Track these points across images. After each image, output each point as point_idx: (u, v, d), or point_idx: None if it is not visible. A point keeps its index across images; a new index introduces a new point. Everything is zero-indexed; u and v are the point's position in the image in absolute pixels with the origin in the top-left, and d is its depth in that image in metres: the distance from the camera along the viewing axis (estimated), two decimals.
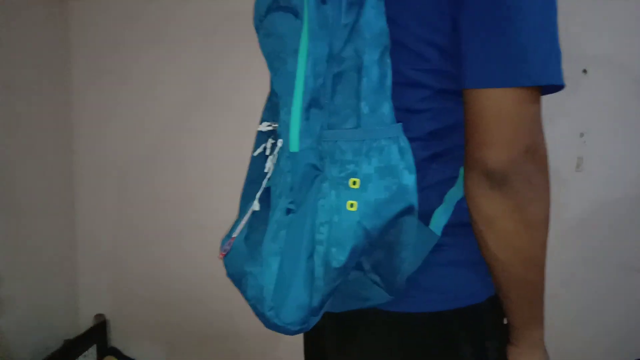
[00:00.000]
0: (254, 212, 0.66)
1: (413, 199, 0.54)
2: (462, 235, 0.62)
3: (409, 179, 0.54)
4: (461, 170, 0.62)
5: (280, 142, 0.61)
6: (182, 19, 1.63)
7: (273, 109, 0.71)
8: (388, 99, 0.55)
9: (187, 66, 1.64)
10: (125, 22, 1.68)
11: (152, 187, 1.72)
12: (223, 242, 0.70)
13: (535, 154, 0.53)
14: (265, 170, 0.64)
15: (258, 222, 0.65)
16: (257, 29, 0.66)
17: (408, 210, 0.55)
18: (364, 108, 0.54)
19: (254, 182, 0.72)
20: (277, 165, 0.62)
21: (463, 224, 0.61)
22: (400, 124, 0.55)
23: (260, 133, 0.72)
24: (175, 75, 1.65)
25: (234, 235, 0.67)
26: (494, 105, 0.53)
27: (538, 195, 0.55)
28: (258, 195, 0.65)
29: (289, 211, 0.58)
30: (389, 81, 0.55)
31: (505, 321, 0.66)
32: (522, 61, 0.51)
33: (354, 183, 0.54)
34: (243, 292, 0.63)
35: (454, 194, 0.62)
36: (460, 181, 0.62)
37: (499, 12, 0.51)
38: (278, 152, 0.61)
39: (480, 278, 0.63)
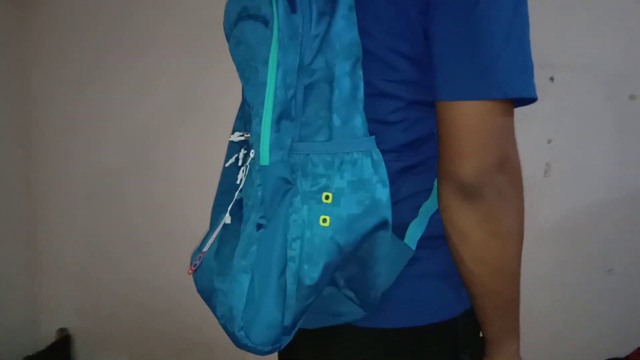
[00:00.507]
0: (225, 225, 0.64)
1: (387, 213, 0.54)
2: (436, 247, 0.61)
3: (383, 193, 0.53)
4: (435, 182, 0.61)
5: (252, 153, 0.59)
6: (157, 24, 1.59)
7: (245, 118, 0.69)
8: (360, 111, 0.54)
9: (156, 73, 1.60)
10: (89, 27, 1.63)
11: (118, 198, 1.67)
12: (193, 256, 0.68)
13: (507, 165, 0.53)
14: (237, 182, 0.62)
15: (229, 235, 0.63)
16: (228, 37, 0.64)
17: (382, 225, 0.54)
18: (336, 120, 0.53)
19: (226, 193, 0.71)
20: (248, 176, 0.61)
21: (438, 236, 0.60)
22: (373, 136, 0.55)
23: (232, 143, 0.71)
24: (144, 82, 1.61)
25: (205, 249, 0.65)
26: (465, 117, 0.52)
27: (510, 206, 0.55)
28: (229, 207, 0.63)
29: (259, 226, 0.55)
30: (360, 93, 0.54)
31: (480, 334, 0.65)
32: (493, 73, 0.51)
33: (327, 197, 0.53)
34: (213, 309, 0.61)
35: (429, 206, 0.61)
36: (434, 193, 0.61)
37: (470, 23, 0.51)
38: (250, 163, 0.59)
39: (455, 291, 0.62)
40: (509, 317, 0.61)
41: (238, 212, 0.63)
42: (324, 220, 0.53)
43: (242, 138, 0.66)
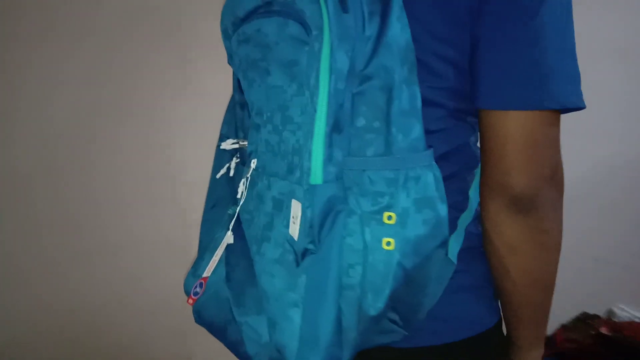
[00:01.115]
0: (228, 245, 0.61)
1: (447, 231, 0.52)
2: (470, 260, 0.59)
3: (444, 210, 0.51)
4: (471, 193, 0.59)
5: (254, 163, 0.57)
6: (70, 11, 1.39)
7: (237, 123, 0.67)
8: (420, 121, 0.51)
9: (89, 66, 1.41)
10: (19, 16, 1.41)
11: (52, 204, 1.46)
12: (188, 283, 0.63)
13: (556, 176, 0.53)
14: (238, 196, 0.60)
15: (236, 256, 0.59)
16: (228, 32, 0.61)
17: (442, 244, 0.52)
18: (396, 133, 0.50)
19: (217, 207, 0.68)
20: (251, 189, 0.58)
21: (471, 247, 0.59)
22: (432, 149, 0.51)
23: (221, 151, 0.67)
24: (76, 77, 1.41)
25: (205, 274, 0.60)
26: (521, 128, 0.51)
27: (558, 218, 0.55)
28: (231, 225, 0.59)
29: (305, 252, 0.49)
30: (419, 102, 0.50)
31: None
32: (549, 83, 0.50)
33: (389, 218, 0.49)
34: (233, 345, 0.56)
35: (465, 218, 0.59)
36: (472, 205, 0.59)
37: (529, 32, 0.49)
38: (252, 175, 0.58)
39: (488, 303, 0.62)
40: (542, 326, 0.61)
41: (237, 229, 0.60)
42: (388, 244, 0.49)
43: (236, 145, 0.63)
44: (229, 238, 0.60)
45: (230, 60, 0.62)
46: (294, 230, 0.50)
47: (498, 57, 0.51)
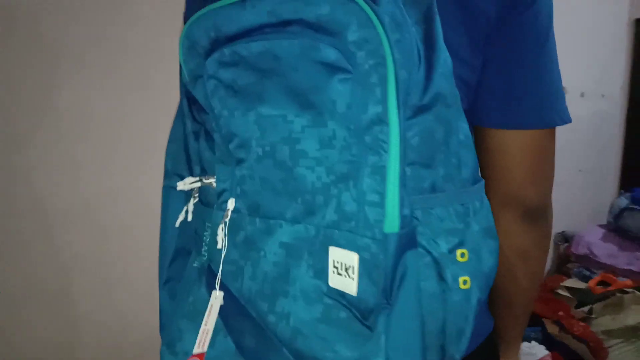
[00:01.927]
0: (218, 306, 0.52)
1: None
2: None
3: (497, 237, 0.50)
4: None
5: (231, 204, 0.50)
6: None
7: (193, 157, 0.58)
8: (474, 151, 0.49)
9: None
10: None
11: None
12: None
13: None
14: (219, 247, 0.51)
15: (235, 320, 0.51)
16: (198, 50, 0.51)
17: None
18: (457, 165, 0.47)
19: (176, 262, 0.59)
20: (232, 235, 0.50)
21: None
22: (482, 179, 0.50)
23: (171, 191, 0.58)
24: None
25: (199, 350, 0.51)
26: (535, 145, 0.53)
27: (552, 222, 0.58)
28: (217, 281, 0.51)
29: (375, 309, 0.43)
30: (469, 130, 0.48)
31: None
32: (557, 102, 0.53)
33: (462, 255, 0.46)
34: None
35: None
36: None
37: (542, 55, 0.52)
38: (232, 218, 0.50)
39: (485, 306, 0.62)
40: (528, 317, 0.65)
41: (212, 285, 0.52)
42: (464, 282, 0.46)
43: (198, 184, 0.55)
44: (218, 299, 0.51)
45: (193, 84, 0.53)
46: (344, 283, 0.44)
47: (514, 79, 0.52)
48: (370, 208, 0.43)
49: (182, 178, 0.58)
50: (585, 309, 1.57)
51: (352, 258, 0.43)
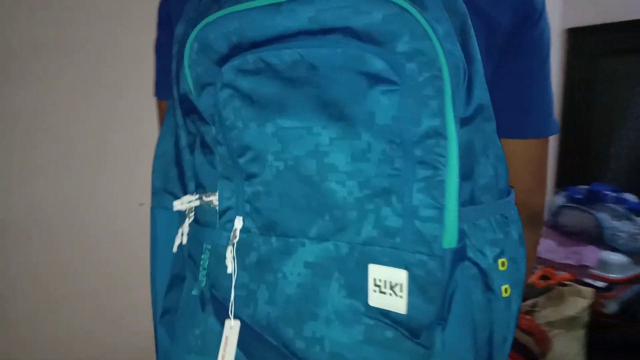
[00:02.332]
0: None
1: None
2: None
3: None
4: None
5: (239, 223, 0.47)
6: None
7: (188, 172, 0.54)
8: (505, 162, 0.50)
9: None
10: None
11: None
12: None
13: None
14: (229, 271, 0.48)
15: (257, 349, 0.47)
16: (210, 56, 0.47)
17: None
18: (495, 176, 0.48)
19: (173, 290, 0.55)
20: (241, 257, 0.47)
21: None
22: (512, 188, 0.53)
23: (162, 212, 0.55)
24: None
25: None
26: (538, 153, 0.57)
27: None
28: (231, 310, 0.47)
29: (428, 327, 0.42)
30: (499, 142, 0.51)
31: None
32: (552, 112, 0.58)
33: (503, 264, 0.46)
34: None
35: None
36: None
37: (547, 69, 0.56)
38: (242, 239, 0.47)
39: None
40: None
41: (219, 312, 0.49)
42: (506, 290, 0.46)
43: (197, 203, 0.50)
44: (234, 329, 0.47)
45: (198, 92, 0.49)
46: (389, 302, 0.43)
47: (525, 90, 0.55)
48: (423, 223, 0.42)
49: (174, 196, 0.55)
50: (530, 302, 1.66)
51: (399, 275, 0.42)
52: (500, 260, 0.46)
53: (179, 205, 0.51)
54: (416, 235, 0.42)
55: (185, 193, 0.54)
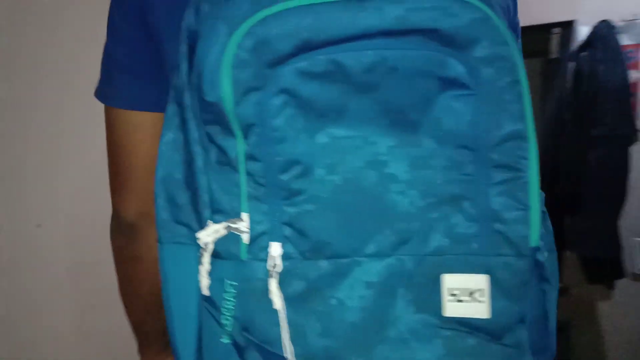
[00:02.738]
0: None
1: None
2: None
3: None
4: None
5: (276, 250, 0.42)
6: None
7: (204, 197, 0.45)
8: None
9: None
10: None
11: None
12: None
13: None
14: (277, 307, 0.42)
15: None
16: (268, 57, 0.41)
17: None
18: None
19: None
20: (284, 289, 0.42)
21: None
22: None
23: (178, 249, 0.46)
24: None
25: None
26: None
27: None
28: (291, 354, 0.42)
29: (515, 325, 0.43)
30: None
31: None
32: None
33: (544, 256, 0.47)
34: None
35: None
36: None
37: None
38: (286, 267, 0.42)
39: None
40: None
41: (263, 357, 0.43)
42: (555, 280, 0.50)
43: (224, 232, 0.44)
44: None
45: (240, 98, 0.42)
46: (469, 309, 0.42)
47: None
48: (507, 226, 0.42)
49: (189, 228, 0.46)
50: None
51: (480, 281, 0.42)
52: (543, 253, 0.46)
53: (205, 237, 0.44)
54: (497, 238, 0.42)
55: (200, 223, 0.46)
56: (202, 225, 0.45)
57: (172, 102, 0.46)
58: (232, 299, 0.44)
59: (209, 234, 0.44)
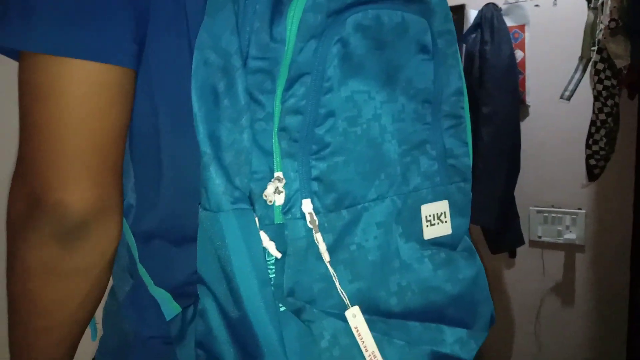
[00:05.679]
0: None
1: None
2: None
3: None
4: None
5: (307, 206, 0.42)
6: None
7: (242, 156, 0.42)
8: None
9: None
10: None
11: None
12: None
13: None
14: (327, 259, 0.43)
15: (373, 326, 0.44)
16: (339, 6, 0.43)
17: None
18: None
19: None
20: (316, 245, 0.42)
21: None
22: None
23: (245, 214, 0.41)
24: None
25: None
26: None
27: None
28: (346, 299, 0.43)
29: (462, 235, 0.55)
30: None
31: None
32: None
33: None
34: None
35: None
36: None
37: None
38: (321, 221, 0.43)
39: None
40: None
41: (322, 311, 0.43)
42: None
43: (283, 191, 0.43)
44: (358, 316, 0.43)
45: (302, 46, 0.41)
46: (438, 230, 0.50)
47: None
48: (458, 159, 0.53)
49: (241, 191, 0.42)
50: None
51: (443, 205, 0.51)
52: None
53: (271, 195, 0.42)
54: (451, 170, 0.52)
55: (241, 185, 0.42)
56: (242, 189, 0.42)
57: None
58: (272, 267, 0.43)
59: (274, 194, 0.42)
